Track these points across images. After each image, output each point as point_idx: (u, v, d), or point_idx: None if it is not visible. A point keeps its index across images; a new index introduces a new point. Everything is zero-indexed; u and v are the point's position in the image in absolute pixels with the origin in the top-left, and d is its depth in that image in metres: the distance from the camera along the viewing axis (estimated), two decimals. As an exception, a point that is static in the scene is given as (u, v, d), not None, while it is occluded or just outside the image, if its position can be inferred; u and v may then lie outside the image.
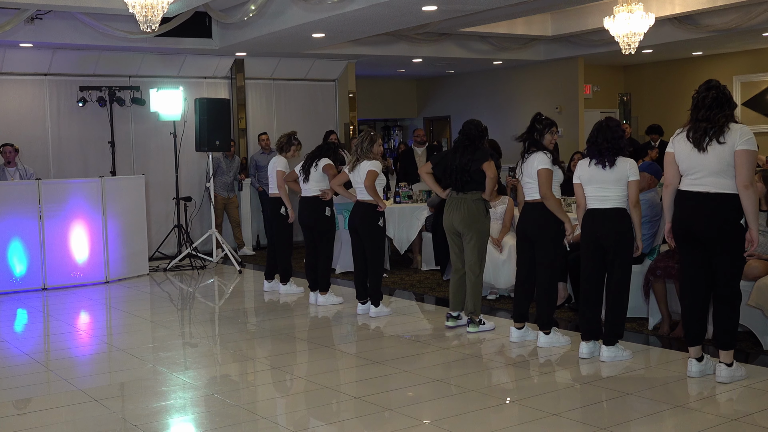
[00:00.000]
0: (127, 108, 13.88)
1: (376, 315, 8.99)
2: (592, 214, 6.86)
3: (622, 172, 6.72)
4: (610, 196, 6.75)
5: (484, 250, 8.10)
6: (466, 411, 5.76)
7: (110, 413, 5.92)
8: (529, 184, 7.43)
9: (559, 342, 7.42)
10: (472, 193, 7.95)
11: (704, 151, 6.03)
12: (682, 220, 6.19)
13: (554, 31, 15.53)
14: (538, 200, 7.35)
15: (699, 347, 6.28)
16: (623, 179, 6.72)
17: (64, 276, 11.40)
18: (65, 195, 11.45)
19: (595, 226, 6.82)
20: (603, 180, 6.75)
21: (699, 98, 6.16)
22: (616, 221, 6.74)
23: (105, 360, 7.78)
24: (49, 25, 12.15)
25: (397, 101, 21.75)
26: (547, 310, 7.40)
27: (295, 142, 10.29)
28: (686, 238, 6.20)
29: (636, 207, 6.73)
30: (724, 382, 6.10)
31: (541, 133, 7.45)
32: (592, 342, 6.94)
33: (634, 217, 6.74)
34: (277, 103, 15.91)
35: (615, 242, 6.73)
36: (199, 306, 10.48)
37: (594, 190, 6.82)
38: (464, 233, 8.01)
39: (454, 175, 7.99)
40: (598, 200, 6.81)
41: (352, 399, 6.16)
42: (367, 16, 10.95)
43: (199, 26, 13.11)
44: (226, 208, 14.37)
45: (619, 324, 6.84)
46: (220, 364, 7.46)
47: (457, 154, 8.00)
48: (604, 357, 6.81)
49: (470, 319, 8.14)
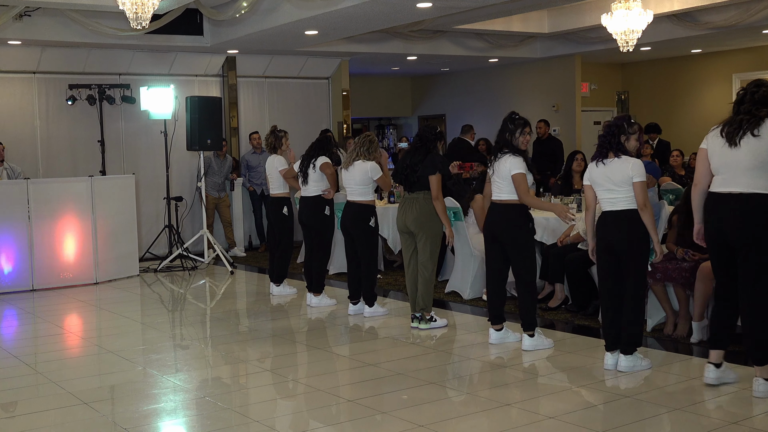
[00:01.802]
0: (117, 106, 13.88)
1: (370, 315, 9.01)
2: (603, 218, 6.63)
3: (624, 172, 6.45)
4: (619, 198, 6.49)
5: (437, 249, 8.30)
6: (462, 414, 5.78)
7: (100, 416, 5.93)
8: (498, 183, 7.35)
9: (544, 344, 7.43)
10: (424, 193, 8.14)
11: (736, 146, 5.75)
12: (712, 225, 5.93)
13: (551, 28, 15.55)
14: (507, 201, 7.29)
15: (722, 352, 6.06)
16: (627, 180, 6.44)
17: (53, 277, 11.39)
18: (54, 195, 11.44)
19: (607, 230, 6.58)
20: (607, 181, 6.52)
21: (746, 94, 5.86)
22: (627, 225, 6.47)
23: (95, 362, 7.78)
24: (37, 22, 12.14)
25: (391, 99, 21.77)
26: (531, 312, 7.40)
27: (281, 134, 10.29)
28: (717, 243, 5.94)
29: (645, 209, 6.42)
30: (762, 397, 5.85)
31: (513, 133, 7.35)
32: (617, 352, 6.67)
33: (645, 219, 6.43)
34: (270, 101, 15.91)
35: (628, 247, 6.49)
36: (190, 307, 10.47)
37: (603, 192, 6.59)
38: (416, 232, 8.21)
39: (402, 175, 8.25)
40: (608, 203, 6.57)
41: (345, 402, 6.17)
42: (360, 13, 10.96)
43: (190, 23, 13.10)
44: (217, 208, 14.37)
45: (636, 332, 6.61)
46: (212, 367, 7.46)
47: (409, 154, 8.28)
48: (622, 367, 6.57)
49: (421, 316, 8.31)
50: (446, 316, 8.71)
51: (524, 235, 7.37)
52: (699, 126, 17.45)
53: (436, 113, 21.27)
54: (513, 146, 7.31)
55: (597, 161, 6.63)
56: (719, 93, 17.81)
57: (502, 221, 7.35)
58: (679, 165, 12.75)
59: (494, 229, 7.41)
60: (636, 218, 6.46)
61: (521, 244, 7.35)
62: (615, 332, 6.65)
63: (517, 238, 7.33)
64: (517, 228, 7.31)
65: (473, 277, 9.71)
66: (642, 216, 6.44)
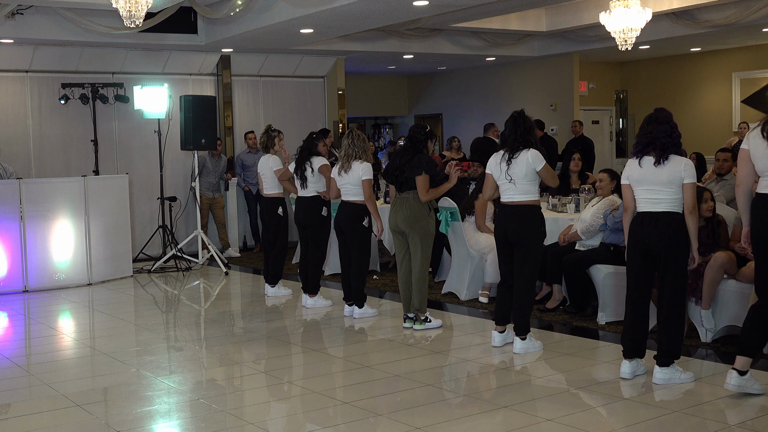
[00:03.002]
0: (111, 105, 13.86)
1: (360, 316, 9.03)
2: (641, 218, 6.33)
3: (676, 172, 6.16)
4: (663, 199, 6.22)
5: (429, 248, 8.37)
6: (459, 417, 5.79)
7: (93, 419, 5.93)
8: (509, 184, 7.32)
9: (534, 347, 7.44)
10: (413, 193, 8.22)
11: None
12: (761, 227, 5.76)
13: (549, 26, 15.56)
14: (521, 202, 7.28)
15: (749, 360, 5.86)
16: (677, 181, 6.16)
17: (45, 278, 11.38)
18: (47, 195, 11.43)
19: (645, 231, 6.27)
20: (653, 181, 6.22)
21: None
22: (668, 226, 6.20)
23: (88, 364, 7.78)
24: (30, 20, 12.13)
25: (387, 98, 21.77)
26: (527, 316, 7.42)
27: (274, 134, 10.27)
28: (765, 246, 5.77)
29: (693, 213, 6.16)
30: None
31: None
32: (635, 361, 6.46)
33: (689, 224, 6.18)
34: (265, 100, 15.91)
35: (667, 249, 6.20)
36: (184, 308, 10.47)
37: (644, 192, 6.31)
38: (408, 232, 8.29)
39: (393, 175, 8.35)
40: (649, 203, 6.29)
41: (341, 404, 6.17)
42: (356, 11, 10.96)
43: (184, 21, 13.10)
44: (211, 209, 14.37)
45: (675, 342, 6.27)
46: (206, 368, 7.46)
47: (398, 155, 8.41)
48: (657, 379, 6.29)
49: (415, 317, 8.35)
50: (442, 317, 8.73)
51: (537, 237, 7.37)
52: (698, 125, 17.51)
53: (432, 112, 21.28)
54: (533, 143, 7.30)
55: (641, 158, 6.34)
56: (719, 92, 17.84)
57: (515, 222, 7.28)
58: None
59: (506, 230, 7.34)
60: (678, 219, 6.22)
61: (532, 246, 7.32)
62: (639, 340, 6.43)
63: (529, 239, 7.29)
64: (532, 229, 7.29)
65: (470, 278, 9.71)
66: (688, 220, 6.19)
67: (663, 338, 6.29)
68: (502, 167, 7.27)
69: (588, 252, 8.55)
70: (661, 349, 6.30)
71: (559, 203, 10.02)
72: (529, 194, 7.24)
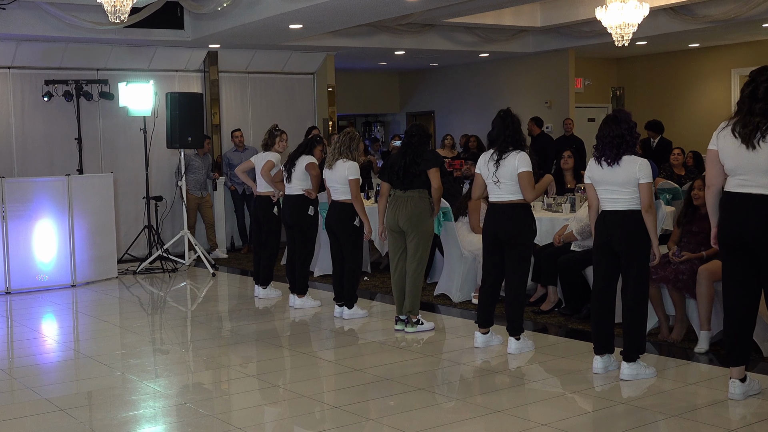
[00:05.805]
0: (95, 103, 13.84)
1: (349, 317, 9.05)
2: (603, 217, 6.59)
3: (631, 173, 6.40)
4: (621, 198, 6.46)
5: (428, 249, 8.40)
6: (452, 421, 5.80)
7: (77, 423, 5.93)
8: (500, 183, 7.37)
9: (528, 347, 7.49)
10: (419, 191, 8.24)
11: (754, 149, 5.59)
12: (730, 225, 5.79)
13: (544, 21, 15.58)
14: (510, 201, 7.34)
15: (743, 367, 5.94)
16: (633, 181, 6.40)
17: (28, 279, 11.36)
18: (30, 194, 11.40)
19: (607, 229, 6.54)
20: (612, 181, 6.47)
21: (755, 88, 5.66)
22: (628, 223, 6.44)
23: (71, 367, 7.78)
24: (12, 15, 12.10)
25: (378, 96, 21.78)
26: (520, 316, 7.47)
27: (277, 133, 10.24)
28: (734, 245, 5.80)
29: (649, 212, 6.39)
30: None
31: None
32: (606, 356, 6.69)
33: (647, 222, 6.40)
34: (253, 97, 15.90)
35: (628, 245, 6.45)
36: (170, 311, 10.47)
37: (605, 192, 6.55)
38: (408, 232, 8.29)
39: (395, 174, 8.32)
40: (609, 202, 6.54)
41: (330, 408, 6.18)
42: (346, 6, 10.97)
43: (170, 17, 13.09)
44: (199, 208, 14.33)
45: (638, 337, 6.52)
46: (193, 372, 7.47)
47: (401, 154, 8.37)
48: (624, 375, 6.50)
49: (407, 319, 8.36)
50: (434, 320, 8.74)
51: (528, 235, 7.46)
52: (697, 123, 17.55)
53: (424, 110, 21.31)
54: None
55: (600, 161, 6.56)
56: (718, 89, 17.88)
57: (505, 221, 7.35)
58: (679, 164, 12.73)
59: (496, 230, 7.40)
60: (638, 217, 6.43)
61: (524, 245, 7.41)
62: (605, 334, 6.67)
63: (520, 238, 7.37)
64: (522, 228, 7.37)
65: (462, 279, 9.73)
66: (645, 218, 6.41)
67: (627, 333, 6.54)
68: (490, 168, 7.35)
69: (583, 253, 8.56)
70: (627, 344, 6.55)
71: (554, 203, 10.03)
72: (517, 193, 7.31)
